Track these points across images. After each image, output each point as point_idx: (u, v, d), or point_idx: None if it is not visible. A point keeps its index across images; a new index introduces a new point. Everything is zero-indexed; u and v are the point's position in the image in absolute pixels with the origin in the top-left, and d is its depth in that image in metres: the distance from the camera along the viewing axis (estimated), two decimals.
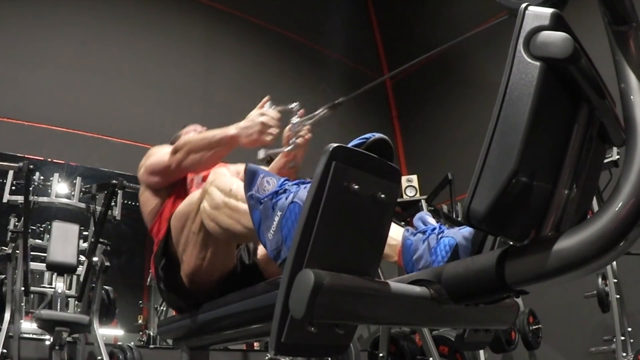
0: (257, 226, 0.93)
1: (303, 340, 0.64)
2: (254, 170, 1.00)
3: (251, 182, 0.98)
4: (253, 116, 1.47)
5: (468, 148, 2.78)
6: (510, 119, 0.58)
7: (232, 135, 1.46)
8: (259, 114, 1.46)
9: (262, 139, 1.43)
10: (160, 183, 1.60)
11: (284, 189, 0.92)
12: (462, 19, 4.98)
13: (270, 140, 1.44)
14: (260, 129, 1.43)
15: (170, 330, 1.42)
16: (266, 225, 0.90)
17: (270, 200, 0.91)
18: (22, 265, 2.70)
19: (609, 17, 0.62)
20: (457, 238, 0.94)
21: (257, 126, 1.43)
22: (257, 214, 0.94)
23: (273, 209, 0.89)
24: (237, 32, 4.97)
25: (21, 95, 3.62)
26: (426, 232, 1.04)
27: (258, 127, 1.43)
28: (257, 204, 0.94)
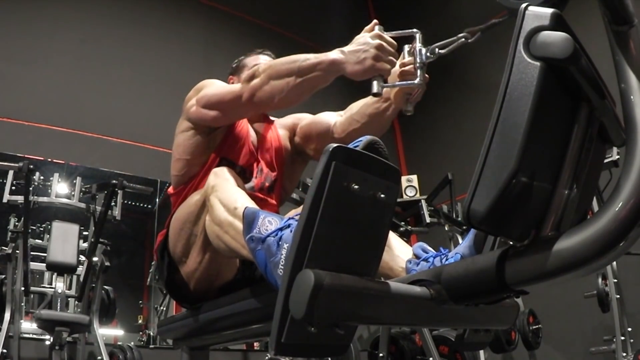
0: (264, 267, 0.88)
1: (303, 341, 0.64)
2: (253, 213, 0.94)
3: (251, 225, 0.92)
4: (364, 38, 1.13)
5: (468, 148, 2.78)
6: (510, 119, 0.58)
7: (333, 59, 1.13)
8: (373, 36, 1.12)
9: (378, 67, 1.09)
10: (218, 120, 1.30)
11: (288, 224, 0.87)
12: (462, 19, 4.98)
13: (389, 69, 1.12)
14: (375, 54, 1.09)
15: (170, 330, 1.42)
16: (273, 262, 0.85)
17: (274, 237, 0.86)
18: (22, 265, 2.70)
19: (609, 17, 0.62)
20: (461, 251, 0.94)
21: (371, 50, 1.09)
22: (260, 254, 0.89)
23: (278, 245, 0.85)
24: (237, 32, 4.96)
25: (21, 95, 3.62)
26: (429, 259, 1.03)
27: (373, 52, 1.09)
28: (258, 244, 0.89)
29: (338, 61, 1.13)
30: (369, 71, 1.10)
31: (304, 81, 1.15)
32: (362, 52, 1.10)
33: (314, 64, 1.14)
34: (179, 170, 1.39)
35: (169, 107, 4.17)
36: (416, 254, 1.09)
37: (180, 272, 1.28)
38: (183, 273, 1.27)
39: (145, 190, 3.27)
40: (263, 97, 1.20)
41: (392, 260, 1.12)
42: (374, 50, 1.10)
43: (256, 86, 1.20)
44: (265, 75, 1.19)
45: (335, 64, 1.13)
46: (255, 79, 1.20)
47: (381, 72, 1.10)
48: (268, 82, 1.18)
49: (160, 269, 1.35)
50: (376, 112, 1.31)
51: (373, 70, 1.10)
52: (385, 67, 1.10)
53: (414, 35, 1.16)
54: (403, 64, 1.20)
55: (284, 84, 1.16)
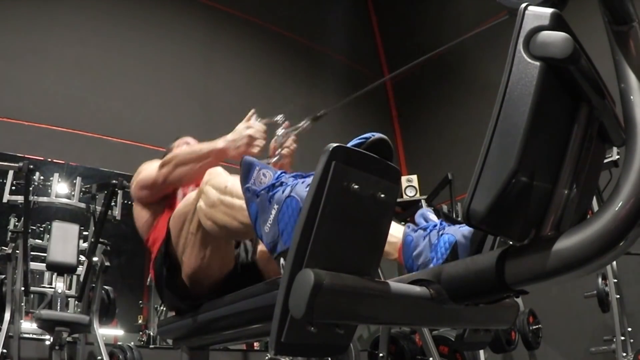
0: (254, 219, 0.93)
1: (303, 340, 0.64)
2: (250, 162, 0.99)
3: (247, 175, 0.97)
4: (240, 129, 1.52)
5: (468, 148, 2.78)
6: (510, 118, 0.58)
7: (220, 148, 1.50)
8: (246, 127, 1.52)
9: (250, 151, 1.48)
10: (150, 197, 1.61)
11: (281, 181, 0.91)
12: (462, 18, 4.98)
13: (258, 152, 1.50)
14: (247, 142, 1.49)
15: (170, 330, 1.42)
16: (263, 218, 0.89)
17: (267, 193, 0.90)
18: (22, 265, 2.70)
19: (609, 17, 0.62)
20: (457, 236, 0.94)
21: (244, 139, 1.49)
22: (253, 206, 0.94)
23: (270, 202, 0.89)
24: (237, 32, 4.97)
25: (21, 95, 3.62)
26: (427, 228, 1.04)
27: (245, 140, 1.49)
28: (253, 197, 0.94)
29: (224, 149, 1.49)
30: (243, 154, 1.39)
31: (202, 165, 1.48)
32: (238, 140, 1.49)
33: (207, 152, 1.50)
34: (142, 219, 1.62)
35: (169, 107, 4.19)
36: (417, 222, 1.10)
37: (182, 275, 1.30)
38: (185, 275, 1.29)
39: None
40: (174, 180, 1.54)
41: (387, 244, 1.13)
42: (247, 139, 1.49)
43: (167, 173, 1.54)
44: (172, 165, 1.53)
45: (222, 151, 1.49)
46: (165, 168, 1.54)
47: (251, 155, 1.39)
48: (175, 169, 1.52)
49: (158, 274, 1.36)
50: None
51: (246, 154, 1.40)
52: (254, 151, 1.48)
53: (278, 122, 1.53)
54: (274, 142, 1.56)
55: (188, 169, 1.51)
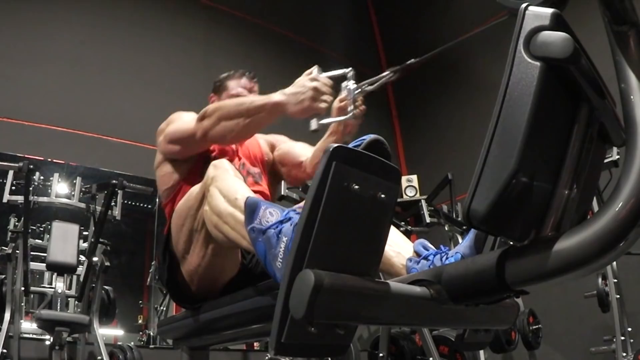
0: (263, 258, 0.88)
1: (303, 341, 0.64)
2: (255, 202, 0.95)
3: (252, 215, 0.93)
4: (302, 81, 1.28)
5: (468, 148, 2.78)
6: (511, 119, 0.58)
7: (276, 101, 1.27)
8: (310, 79, 1.27)
9: (315, 107, 1.24)
10: (182, 153, 1.42)
11: (289, 217, 0.87)
12: (463, 18, 4.98)
13: (325, 108, 1.26)
14: (312, 95, 1.24)
15: (170, 330, 1.42)
16: (272, 254, 0.85)
17: (274, 229, 0.87)
18: (22, 265, 2.69)
19: (609, 17, 0.62)
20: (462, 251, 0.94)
21: (309, 91, 1.24)
22: (260, 245, 0.89)
23: (278, 237, 0.85)
24: (237, 32, 4.96)
25: (21, 95, 3.62)
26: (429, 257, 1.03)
27: (310, 93, 1.24)
28: (259, 235, 0.89)
29: (280, 103, 1.27)
30: (307, 111, 1.25)
31: (251, 121, 1.29)
32: (301, 94, 1.25)
33: (260, 105, 1.29)
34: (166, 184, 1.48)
35: (169, 107, 4.17)
36: (417, 251, 1.09)
37: (182, 271, 1.27)
38: (185, 271, 1.26)
39: (145, 190, 3.26)
40: (216, 135, 1.33)
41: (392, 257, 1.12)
42: (311, 92, 1.25)
43: (207, 127, 1.33)
44: (216, 117, 1.32)
45: (278, 106, 1.27)
46: (206, 120, 1.33)
47: (317, 111, 1.26)
48: (219, 123, 1.32)
49: (161, 270, 1.34)
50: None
51: (311, 110, 1.25)
52: (320, 107, 1.26)
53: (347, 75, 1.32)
54: (340, 100, 1.34)
55: (233, 124, 1.30)
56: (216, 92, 1.68)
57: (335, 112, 1.35)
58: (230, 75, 1.66)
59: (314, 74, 1.29)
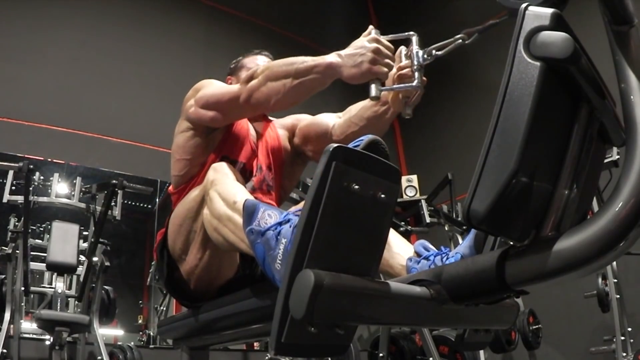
0: (262, 260, 0.88)
1: (303, 341, 0.64)
2: (253, 205, 0.94)
3: (250, 218, 0.92)
4: (361, 42, 1.12)
5: (468, 148, 2.78)
6: (511, 119, 0.58)
7: (330, 62, 1.12)
8: (370, 40, 1.12)
9: (376, 70, 1.09)
10: (216, 120, 1.29)
11: (288, 219, 0.87)
12: (463, 19, 4.98)
13: (387, 72, 1.11)
14: (373, 57, 1.09)
15: (170, 330, 1.42)
16: (271, 256, 0.85)
17: (273, 231, 0.86)
18: (22, 265, 2.69)
19: (609, 16, 0.62)
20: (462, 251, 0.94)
21: (368, 53, 1.09)
22: (259, 247, 0.88)
23: (277, 239, 0.84)
24: (237, 32, 4.96)
25: (21, 95, 3.62)
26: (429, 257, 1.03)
27: (370, 55, 1.09)
28: (257, 237, 0.89)
29: (335, 64, 1.12)
30: (366, 75, 1.10)
31: (301, 83, 1.15)
32: (359, 55, 1.10)
33: (311, 66, 1.14)
34: (179, 170, 1.39)
35: (169, 107, 4.17)
36: (417, 251, 1.09)
37: (180, 270, 1.27)
38: (183, 271, 1.26)
39: (145, 190, 3.27)
40: (260, 98, 1.19)
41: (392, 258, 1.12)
42: (371, 54, 1.09)
43: (254, 87, 1.19)
44: (263, 77, 1.18)
45: (332, 67, 1.12)
46: (254, 81, 1.20)
47: (378, 75, 1.10)
48: (265, 83, 1.18)
49: (159, 268, 1.34)
50: (374, 115, 1.31)
51: (370, 73, 1.09)
52: (383, 70, 1.10)
53: (411, 38, 1.16)
54: (400, 67, 1.19)
55: (280, 85, 1.16)
56: (232, 73, 1.60)
57: (396, 80, 1.19)
58: (247, 54, 1.58)
59: (374, 35, 1.14)
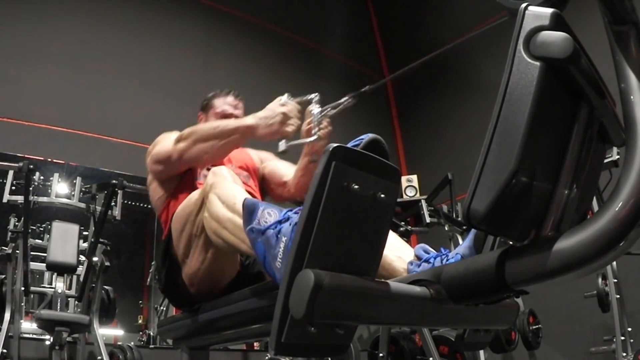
0: (262, 258, 0.89)
1: (303, 340, 0.64)
2: (253, 203, 0.95)
3: (250, 216, 0.93)
4: (273, 106, 1.38)
5: (468, 148, 2.78)
6: (510, 118, 0.58)
7: (249, 124, 1.36)
8: (280, 104, 1.37)
9: (283, 130, 1.35)
10: (165, 172, 1.49)
11: (287, 217, 0.88)
12: (463, 19, 4.98)
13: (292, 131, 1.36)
14: (281, 119, 1.34)
15: (170, 330, 1.42)
16: (272, 254, 0.86)
17: (273, 230, 0.87)
18: (22, 265, 2.69)
19: (609, 17, 0.62)
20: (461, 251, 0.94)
21: (278, 116, 1.35)
22: (259, 246, 0.89)
23: (277, 237, 0.85)
24: (237, 32, 4.96)
25: (21, 95, 3.62)
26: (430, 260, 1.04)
27: (279, 117, 1.34)
28: (258, 236, 0.90)
29: (252, 126, 1.36)
30: (275, 134, 1.35)
31: (226, 143, 1.37)
32: (271, 118, 1.35)
33: (233, 128, 1.37)
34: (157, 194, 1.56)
35: (169, 107, 4.19)
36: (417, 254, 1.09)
37: (182, 274, 1.28)
38: (185, 275, 1.27)
39: (145, 190, 3.25)
40: (191, 157, 1.40)
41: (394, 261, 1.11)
42: (280, 117, 1.34)
43: (183, 149, 1.40)
44: (191, 140, 1.39)
45: (250, 129, 1.36)
46: (181, 143, 1.40)
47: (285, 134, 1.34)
48: (194, 145, 1.38)
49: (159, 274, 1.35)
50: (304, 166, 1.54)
51: (278, 133, 1.34)
52: (287, 130, 1.35)
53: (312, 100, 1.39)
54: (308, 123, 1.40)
55: (208, 146, 1.37)
56: (204, 110, 1.75)
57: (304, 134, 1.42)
58: (217, 94, 1.74)
59: (284, 100, 1.39)
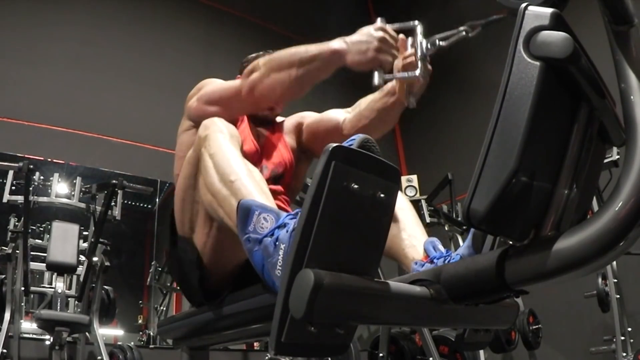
0: (260, 268, 0.84)
1: (303, 340, 0.64)
2: (247, 207, 0.89)
3: (245, 221, 0.87)
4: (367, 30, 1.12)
5: (468, 148, 2.78)
6: (510, 118, 0.58)
7: (335, 49, 1.11)
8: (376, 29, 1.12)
9: (381, 58, 1.10)
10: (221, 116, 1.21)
11: (284, 223, 0.84)
12: (462, 18, 4.98)
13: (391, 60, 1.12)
14: (378, 45, 1.09)
15: (170, 330, 1.42)
16: (271, 263, 0.81)
17: (270, 237, 0.83)
18: (22, 265, 2.69)
19: (609, 16, 0.62)
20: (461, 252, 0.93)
21: (374, 41, 1.09)
22: (257, 255, 0.85)
23: (275, 245, 0.81)
24: (237, 32, 4.96)
25: (21, 95, 3.62)
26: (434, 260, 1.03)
27: (376, 43, 1.09)
28: (255, 245, 0.85)
29: (340, 51, 1.11)
30: (370, 62, 1.10)
31: (306, 72, 1.13)
32: (365, 43, 1.10)
33: (315, 54, 1.13)
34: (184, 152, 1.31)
35: (169, 107, 4.18)
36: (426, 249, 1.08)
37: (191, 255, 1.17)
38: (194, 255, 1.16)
39: (145, 190, 3.27)
40: (264, 90, 1.17)
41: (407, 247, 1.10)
42: (377, 42, 1.09)
43: (256, 80, 1.17)
44: (266, 69, 1.16)
45: (336, 54, 1.11)
46: (255, 73, 1.18)
47: (382, 63, 1.10)
48: (269, 75, 1.15)
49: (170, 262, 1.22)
50: (384, 106, 1.31)
51: (375, 61, 1.10)
52: (387, 58, 1.10)
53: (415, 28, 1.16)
54: (405, 57, 1.19)
55: (285, 76, 1.14)
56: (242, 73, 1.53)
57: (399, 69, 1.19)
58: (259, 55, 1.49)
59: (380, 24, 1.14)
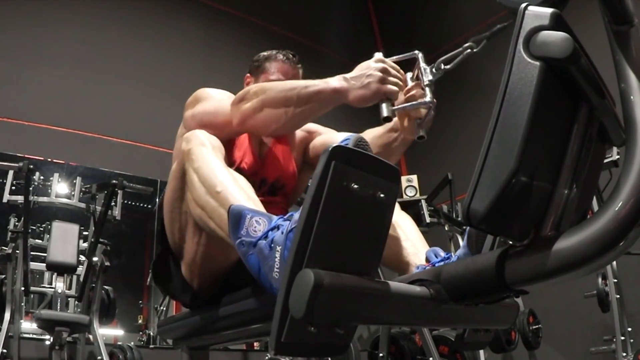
0: (257, 272, 0.82)
1: (303, 340, 0.64)
2: (239, 212, 0.86)
3: (237, 226, 0.86)
4: (367, 63, 1.08)
5: (468, 148, 2.78)
6: (510, 118, 0.58)
7: (335, 87, 1.06)
8: (376, 61, 1.08)
9: (386, 90, 1.05)
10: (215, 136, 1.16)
11: (277, 225, 0.82)
12: (463, 19, 4.98)
13: (397, 91, 1.07)
14: (381, 76, 1.05)
15: (170, 330, 1.42)
16: (267, 266, 0.80)
17: (265, 240, 0.81)
18: (22, 265, 2.69)
19: (609, 16, 0.62)
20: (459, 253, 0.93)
21: (376, 73, 1.05)
22: (252, 258, 0.83)
23: (271, 247, 0.80)
24: (237, 32, 4.96)
25: (21, 95, 3.62)
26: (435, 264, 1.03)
27: (378, 75, 1.05)
28: (249, 249, 0.83)
29: (341, 90, 1.06)
30: (375, 95, 1.05)
31: (302, 111, 1.08)
32: (366, 76, 1.06)
33: (313, 92, 1.08)
34: None
35: (168, 107, 4.18)
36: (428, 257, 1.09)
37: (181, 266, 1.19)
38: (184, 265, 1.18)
39: (145, 190, 3.27)
40: (257, 124, 1.12)
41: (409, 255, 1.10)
42: (379, 74, 1.05)
43: (248, 112, 1.12)
44: (259, 102, 1.10)
45: (338, 92, 1.07)
46: (247, 104, 1.12)
47: (388, 94, 1.05)
48: (262, 109, 1.10)
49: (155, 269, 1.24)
50: (386, 142, 1.28)
51: (380, 93, 1.05)
52: (393, 89, 1.06)
53: (417, 57, 1.13)
54: (408, 90, 1.15)
55: (280, 113, 1.09)
56: (253, 73, 1.50)
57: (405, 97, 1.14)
58: (272, 56, 1.46)
59: (379, 56, 1.10)
